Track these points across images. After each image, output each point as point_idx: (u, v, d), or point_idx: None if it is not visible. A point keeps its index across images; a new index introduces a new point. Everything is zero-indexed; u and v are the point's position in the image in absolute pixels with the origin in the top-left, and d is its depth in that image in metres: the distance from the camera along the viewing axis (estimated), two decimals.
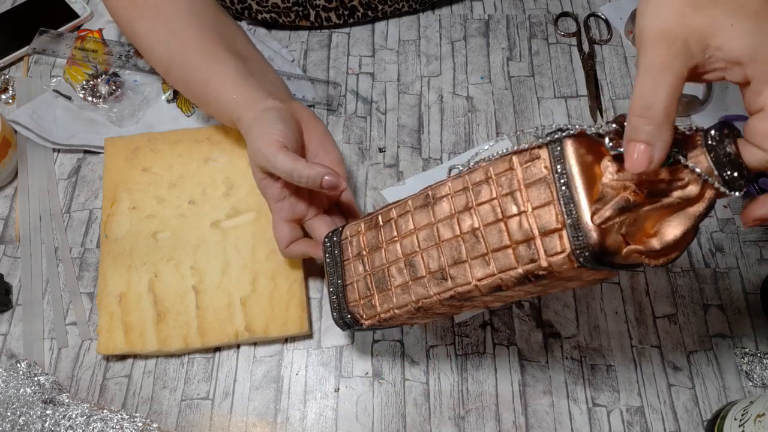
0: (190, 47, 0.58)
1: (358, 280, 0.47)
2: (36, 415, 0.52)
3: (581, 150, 0.35)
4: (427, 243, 0.42)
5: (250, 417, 0.55)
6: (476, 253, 0.39)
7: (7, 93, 0.71)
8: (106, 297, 0.57)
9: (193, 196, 0.62)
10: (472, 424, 0.54)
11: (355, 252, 0.47)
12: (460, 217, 0.40)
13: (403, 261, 0.44)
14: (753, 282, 0.61)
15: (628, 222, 0.34)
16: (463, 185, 0.40)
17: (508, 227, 0.37)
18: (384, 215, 0.46)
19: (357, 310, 0.47)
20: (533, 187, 0.36)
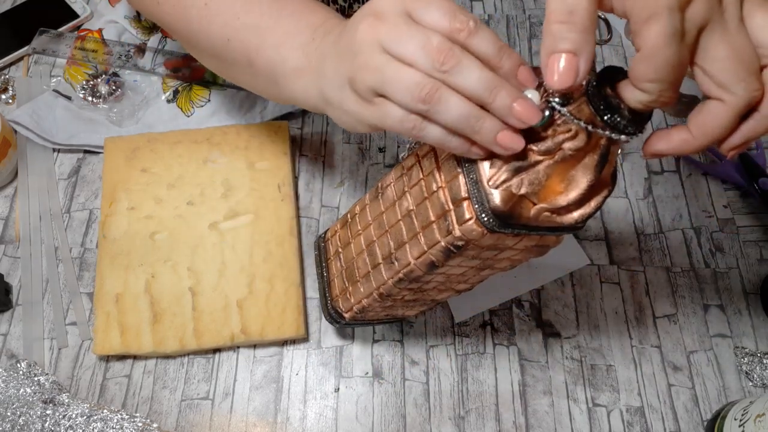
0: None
1: (337, 276, 0.49)
2: (36, 415, 0.52)
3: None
4: (380, 231, 0.44)
5: (250, 417, 0.55)
6: (412, 233, 0.41)
7: (7, 93, 0.71)
8: (103, 297, 0.57)
9: (192, 197, 0.62)
10: (472, 424, 0.54)
11: (334, 250, 0.50)
12: (400, 202, 0.42)
13: (365, 251, 0.46)
14: (753, 282, 0.61)
15: (528, 181, 0.34)
16: (401, 171, 0.42)
17: (431, 203, 0.38)
18: (351, 212, 0.48)
19: (338, 305, 0.49)
20: (446, 163, 0.37)
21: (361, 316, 0.49)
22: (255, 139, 0.65)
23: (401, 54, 0.33)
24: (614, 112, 0.32)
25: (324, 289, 0.51)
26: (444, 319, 0.58)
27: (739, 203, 0.65)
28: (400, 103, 0.34)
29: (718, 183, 0.66)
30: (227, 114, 0.69)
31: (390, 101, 0.34)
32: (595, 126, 0.33)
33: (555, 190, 0.35)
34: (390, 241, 0.43)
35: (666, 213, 0.64)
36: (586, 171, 0.34)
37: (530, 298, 0.59)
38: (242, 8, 0.45)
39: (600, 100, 0.32)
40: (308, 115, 0.70)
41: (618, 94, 0.33)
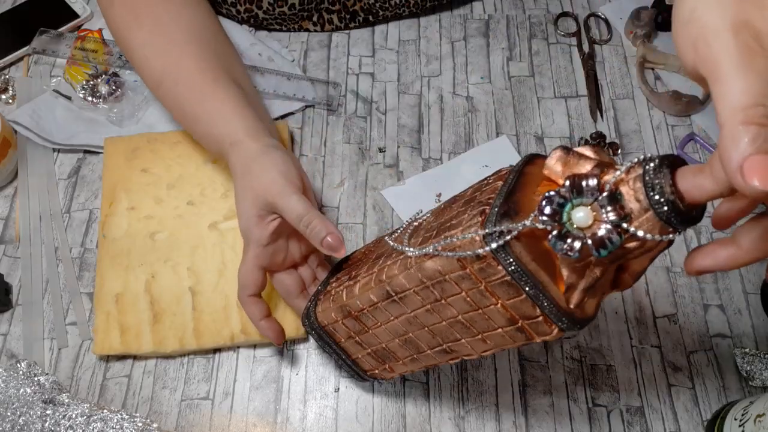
0: (189, 62, 0.55)
1: (363, 356, 0.48)
2: (36, 415, 0.52)
3: (530, 242, 0.34)
4: (414, 327, 0.42)
5: (250, 417, 0.55)
6: (469, 335, 0.40)
7: (7, 93, 0.71)
8: (102, 297, 0.57)
9: (192, 197, 0.62)
10: (472, 424, 0.54)
11: (345, 335, 0.48)
12: (436, 308, 0.39)
13: (399, 341, 0.44)
14: (753, 282, 0.61)
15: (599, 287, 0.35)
16: (420, 282, 0.39)
17: (489, 316, 0.37)
18: (352, 305, 0.45)
19: (378, 374, 0.50)
20: (497, 285, 0.35)
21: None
22: None
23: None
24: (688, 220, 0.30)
25: (349, 365, 0.50)
26: None
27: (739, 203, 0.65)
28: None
29: None
30: None
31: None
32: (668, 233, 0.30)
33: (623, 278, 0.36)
34: (436, 337, 0.42)
35: None
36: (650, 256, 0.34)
37: None
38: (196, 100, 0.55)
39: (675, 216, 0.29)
40: (308, 115, 0.70)
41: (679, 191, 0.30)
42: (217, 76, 0.55)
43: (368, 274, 0.44)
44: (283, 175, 0.50)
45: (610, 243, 0.30)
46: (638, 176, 0.30)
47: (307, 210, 0.48)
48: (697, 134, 0.68)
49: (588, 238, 0.30)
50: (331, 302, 0.47)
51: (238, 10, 0.73)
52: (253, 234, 0.50)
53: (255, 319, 0.51)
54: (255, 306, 0.51)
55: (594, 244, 0.30)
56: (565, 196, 0.31)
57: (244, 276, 0.51)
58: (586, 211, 0.31)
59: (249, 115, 0.54)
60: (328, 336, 0.49)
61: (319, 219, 0.48)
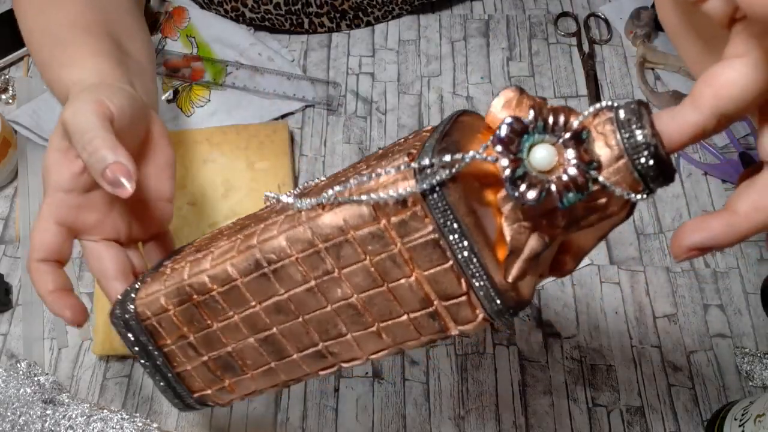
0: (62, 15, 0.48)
1: (194, 368, 0.35)
2: (36, 415, 0.52)
3: (472, 190, 0.27)
4: (282, 318, 0.31)
5: (250, 417, 0.55)
6: (360, 326, 0.30)
7: (7, 93, 0.71)
8: (103, 297, 0.57)
9: (192, 197, 0.62)
10: (472, 424, 0.54)
11: (173, 335, 0.34)
12: (322, 285, 0.30)
13: (254, 340, 0.33)
14: (753, 282, 0.61)
15: (546, 260, 0.29)
16: (309, 243, 0.29)
17: (396, 295, 0.29)
18: (195, 282, 0.32)
19: (209, 398, 0.36)
20: (416, 245, 0.27)
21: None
22: (255, 139, 0.65)
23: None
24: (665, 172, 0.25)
25: (169, 380, 0.36)
26: None
27: None
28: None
29: (718, 183, 0.66)
30: (227, 114, 0.69)
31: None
32: (638, 191, 0.26)
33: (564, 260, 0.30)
34: (313, 333, 0.31)
35: (666, 213, 0.64)
36: (602, 230, 0.28)
37: None
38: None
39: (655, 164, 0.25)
40: (308, 115, 0.70)
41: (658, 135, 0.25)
42: (91, 30, 0.47)
43: (230, 242, 0.32)
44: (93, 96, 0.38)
45: (578, 189, 0.24)
46: (608, 119, 0.25)
47: (95, 126, 0.36)
48: None
49: (552, 182, 0.24)
50: (164, 282, 0.34)
51: (226, 9, 0.72)
52: (50, 174, 0.38)
53: (42, 290, 0.38)
54: (45, 275, 0.38)
55: (559, 188, 0.24)
56: (527, 126, 0.25)
57: (34, 233, 0.38)
58: (550, 150, 0.25)
59: (107, 63, 0.45)
60: (148, 336, 0.35)
61: (106, 140, 0.35)
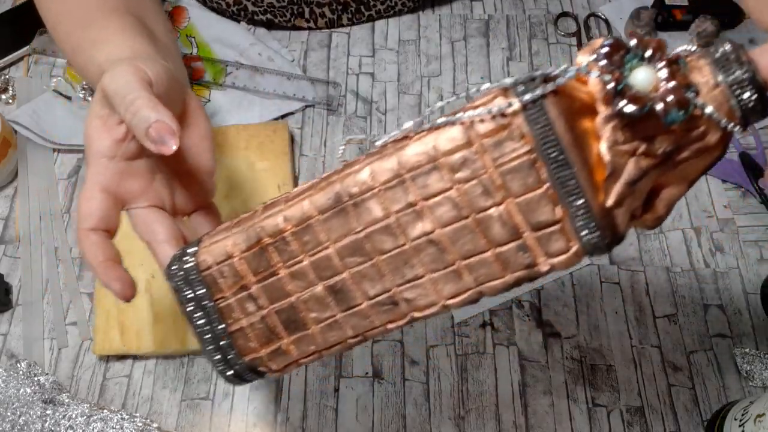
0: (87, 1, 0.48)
1: (251, 324, 0.33)
2: (36, 415, 0.52)
3: (569, 105, 0.26)
4: (356, 260, 0.30)
5: (250, 417, 0.55)
6: (439, 265, 0.29)
7: (7, 93, 0.71)
8: (103, 297, 0.57)
9: None
10: (472, 424, 0.54)
11: (234, 284, 0.33)
12: (402, 220, 0.29)
13: (322, 287, 0.31)
14: (753, 282, 0.61)
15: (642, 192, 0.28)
16: (394, 172, 0.28)
17: (482, 226, 0.28)
18: (267, 225, 0.31)
19: (260, 363, 0.34)
20: (509, 168, 0.26)
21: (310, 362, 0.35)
22: (255, 139, 0.65)
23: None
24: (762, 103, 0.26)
25: (220, 340, 0.34)
26: (444, 319, 0.58)
27: (739, 203, 0.65)
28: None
29: (718, 183, 0.66)
30: (227, 114, 0.69)
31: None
32: (734, 122, 0.26)
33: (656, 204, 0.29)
34: (387, 275, 0.30)
35: None
36: (695, 172, 0.28)
37: (530, 298, 0.59)
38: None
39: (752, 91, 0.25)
40: (308, 115, 0.70)
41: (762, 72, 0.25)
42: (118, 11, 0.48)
43: (309, 184, 0.32)
44: (131, 64, 0.38)
45: (680, 106, 0.25)
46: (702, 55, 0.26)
47: (136, 87, 0.36)
48: None
49: (654, 99, 0.25)
50: (231, 230, 0.33)
51: (228, 3, 0.72)
52: (92, 141, 0.38)
53: (93, 260, 0.38)
54: (94, 245, 0.38)
55: (665, 106, 0.24)
56: (629, 48, 0.25)
57: (80, 202, 0.38)
58: (650, 72, 0.25)
59: (138, 42, 0.45)
60: (204, 288, 0.33)
61: (148, 100, 0.35)
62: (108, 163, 0.38)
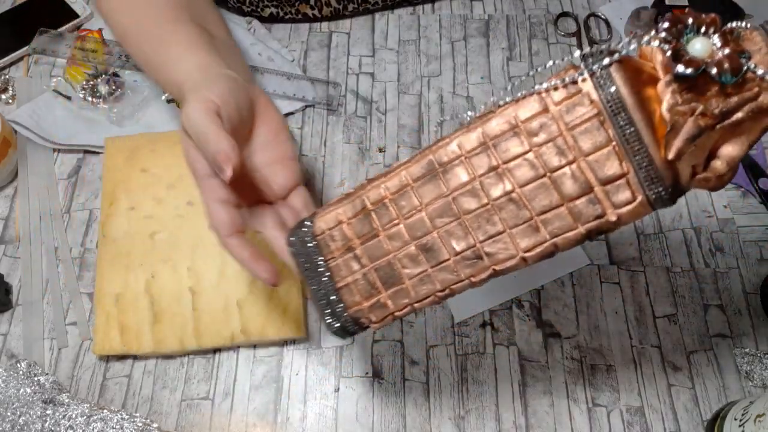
0: (151, 11, 0.54)
1: (355, 280, 0.38)
2: (36, 415, 0.52)
3: (634, 75, 0.30)
4: (445, 220, 0.35)
5: (250, 417, 0.55)
6: (518, 220, 0.33)
7: (7, 93, 0.71)
8: (103, 297, 0.57)
9: (192, 197, 0.62)
10: (472, 424, 0.54)
11: (341, 246, 0.38)
12: (485, 183, 0.33)
13: (415, 246, 0.36)
14: (753, 282, 0.61)
15: (702, 149, 0.30)
16: (479, 141, 0.33)
17: (556, 183, 0.32)
18: (371, 195, 0.37)
19: (362, 315, 0.39)
20: (581, 130, 0.31)
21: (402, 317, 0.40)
22: None
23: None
24: None
25: (329, 295, 0.39)
26: (444, 319, 0.58)
27: (739, 203, 0.65)
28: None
29: None
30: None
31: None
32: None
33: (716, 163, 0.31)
34: (472, 232, 0.34)
35: (666, 213, 0.64)
36: (753, 133, 0.30)
37: (530, 298, 0.59)
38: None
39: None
40: (308, 115, 0.70)
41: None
42: (180, 19, 0.53)
43: (406, 159, 0.37)
44: (200, 95, 0.44)
45: (733, 68, 0.28)
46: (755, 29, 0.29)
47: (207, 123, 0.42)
48: None
49: (710, 63, 0.28)
50: (342, 201, 0.38)
51: None
52: (196, 166, 0.44)
53: (241, 259, 0.44)
54: (238, 247, 0.44)
55: (719, 68, 0.28)
56: (686, 22, 0.29)
57: (210, 218, 0.44)
58: (706, 42, 0.29)
59: (204, 52, 0.50)
60: (318, 250, 0.39)
61: (212, 135, 0.41)
62: (214, 180, 0.43)
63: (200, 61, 0.49)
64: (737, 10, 0.72)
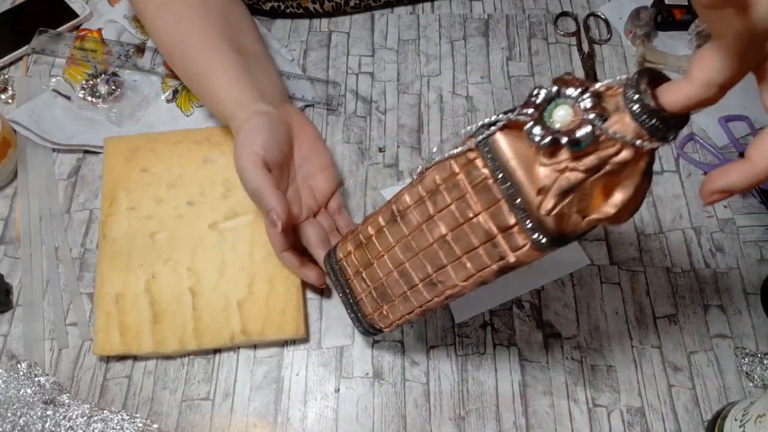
0: (192, 37, 0.58)
1: (365, 296, 0.49)
2: (36, 416, 0.52)
3: (514, 141, 0.34)
4: (409, 254, 0.43)
5: (251, 417, 0.55)
6: (452, 257, 0.40)
7: (7, 93, 0.71)
8: (103, 297, 0.57)
9: (192, 197, 0.62)
10: (472, 424, 0.54)
11: (353, 271, 0.49)
12: (428, 227, 0.41)
13: (396, 273, 0.45)
14: (753, 282, 0.61)
15: (578, 199, 0.34)
16: (419, 195, 0.41)
17: (471, 230, 0.38)
18: (364, 233, 0.47)
19: (375, 322, 0.49)
20: (479, 190, 0.36)
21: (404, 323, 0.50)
22: None
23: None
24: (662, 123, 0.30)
25: (353, 307, 0.51)
26: (444, 319, 0.58)
27: (739, 203, 0.65)
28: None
29: None
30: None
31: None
32: (643, 139, 0.31)
33: (601, 198, 0.34)
34: (426, 265, 0.42)
35: (666, 213, 0.64)
36: (633, 177, 0.33)
37: (530, 299, 0.59)
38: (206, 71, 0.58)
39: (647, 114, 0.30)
40: (308, 114, 0.70)
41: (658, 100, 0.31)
42: (217, 47, 0.58)
43: (382, 206, 0.46)
44: (247, 148, 0.52)
45: (582, 136, 0.31)
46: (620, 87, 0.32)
47: (259, 185, 0.51)
48: (697, 134, 0.68)
49: (562, 133, 0.31)
50: (350, 236, 0.49)
51: None
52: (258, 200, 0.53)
53: (294, 269, 0.56)
54: (290, 259, 0.55)
55: (566, 135, 0.31)
56: (552, 94, 0.32)
57: (270, 236, 0.55)
58: (567, 110, 0.32)
59: (240, 86, 0.56)
60: (341, 273, 0.50)
61: (269, 195, 0.51)
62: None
63: (236, 97, 0.56)
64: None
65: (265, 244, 0.59)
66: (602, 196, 0.34)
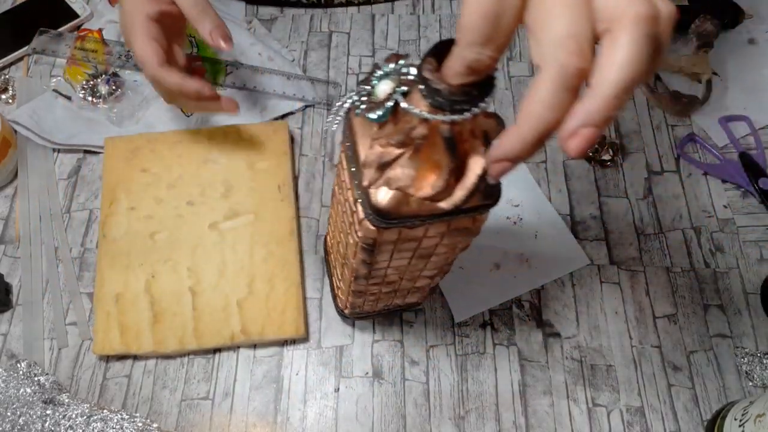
0: None
1: (334, 276, 0.53)
2: (36, 415, 0.52)
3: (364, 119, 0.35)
4: (337, 231, 0.46)
5: (250, 417, 0.55)
6: (344, 234, 0.42)
7: (7, 93, 0.71)
8: (103, 297, 0.57)
9: (192, 197, 0.62)
10: (472, 424, 0.54)
11: (332, 252, 0.53)
12: (338, 201, 0.43)
13: (338, 251, 0.47)
14: (753, 282, 0.61)
15: (398, 176, 0.33)
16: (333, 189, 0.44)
17: (347, 205, 0.40)
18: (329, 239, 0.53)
19: (338, 303, 0.55)
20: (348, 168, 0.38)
21: (358, 311, 0.52)
22: (255, 139, 0.65)
23: None
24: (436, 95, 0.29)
25: (334, 297, 0.55)
26: (444, 319, 0.58)
27: (739, 203, 0.65)
28: None
29: (718, 183, 0.66)
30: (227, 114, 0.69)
31: None
32: (433, 113, 0.30)
33: (426, 179, 0.34)
34: (340, 241, 0.44)
35: (666, 213, 0.64)
36: (438, 155, 0.32)
37: (530, 298, 0.59)
38: None
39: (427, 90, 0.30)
40: (308, 115, 0.70)
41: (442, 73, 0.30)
42: None
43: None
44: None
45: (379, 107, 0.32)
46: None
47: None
48: (696, 134, 0.68)
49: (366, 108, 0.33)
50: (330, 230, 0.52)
51: None
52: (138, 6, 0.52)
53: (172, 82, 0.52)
54: (167, 72, 0.52)
55: (366, 109, 0.33)
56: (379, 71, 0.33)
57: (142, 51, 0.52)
58: (389, 84, 0.32)
59: None
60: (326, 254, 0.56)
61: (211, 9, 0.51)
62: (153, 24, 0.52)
63: None
64: (737, 10, 0.72)
65: (265, 244, 0.59)
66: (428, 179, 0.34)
